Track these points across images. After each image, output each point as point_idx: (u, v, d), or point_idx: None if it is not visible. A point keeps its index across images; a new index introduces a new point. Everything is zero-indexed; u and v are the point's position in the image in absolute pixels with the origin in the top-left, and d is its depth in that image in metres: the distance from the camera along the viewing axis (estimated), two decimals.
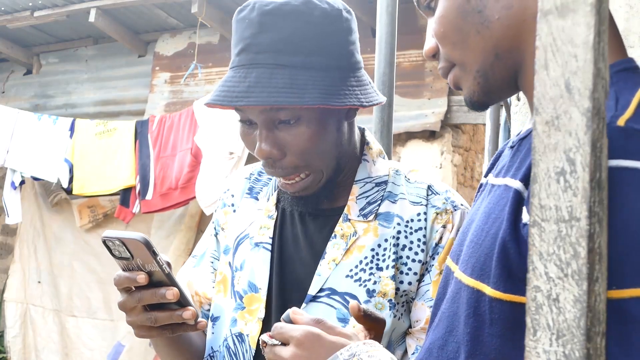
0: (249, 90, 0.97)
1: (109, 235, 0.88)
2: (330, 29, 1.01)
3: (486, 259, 0.62)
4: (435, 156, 4.15)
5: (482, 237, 0.64)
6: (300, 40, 0.99)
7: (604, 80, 0.37)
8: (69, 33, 5.55)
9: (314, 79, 0.98)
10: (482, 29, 0.67)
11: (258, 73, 0.98)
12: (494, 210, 0.65)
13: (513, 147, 0.71)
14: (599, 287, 0.37)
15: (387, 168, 1.12)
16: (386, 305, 1.02)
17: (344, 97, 1.00)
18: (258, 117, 1.01)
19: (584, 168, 0.36)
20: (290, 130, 1.00)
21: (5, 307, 5.56)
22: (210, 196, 4.13)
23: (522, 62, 0.67)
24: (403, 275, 1.04)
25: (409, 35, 4.11)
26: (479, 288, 0.62)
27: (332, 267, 1.05)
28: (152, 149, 4.50)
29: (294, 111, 0.99)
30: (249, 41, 1.00)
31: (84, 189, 4.69)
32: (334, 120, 1.04)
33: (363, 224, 1.07)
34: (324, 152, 1.03)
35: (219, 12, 4.60)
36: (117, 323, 5.02)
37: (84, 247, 5.28)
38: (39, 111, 5.32)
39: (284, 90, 0.96)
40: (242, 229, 1.17)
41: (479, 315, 0.62)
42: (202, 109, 4.30)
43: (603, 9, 0.36)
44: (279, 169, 1.03)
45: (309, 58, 0.99)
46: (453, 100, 4.20)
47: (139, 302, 0.91)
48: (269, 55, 0.98)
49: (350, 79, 1.03)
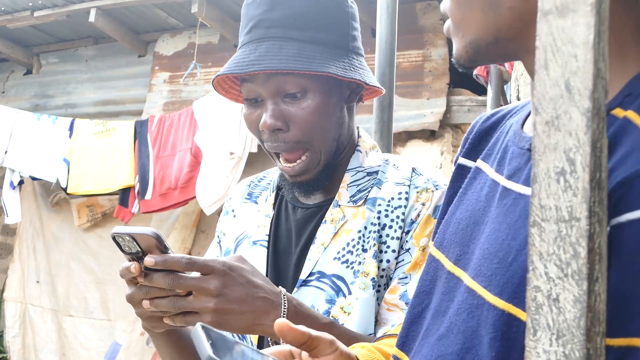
0: (259, 58, 1.02)
1: (119, 231, 0.86)
2: (337, 11, 1.08)
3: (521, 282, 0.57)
4: (435, 156, 4.15)
5: (510, 254, 0.60)
6: (309, 17, 1.05)
7: (604, 80, 0.37)
8: (69, 33, 5.55)
9: (321, 52, 1.04)
10: (488, 10, 0.62)
11: (268, 45, 1.03)
12: (524, 225, 0.59)
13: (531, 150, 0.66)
14: (599, 287, 0.37)
15: (379, 159, 1.16)
16: (369, 285, 1.04)
17: (348, 71, 1.05)
18: (265, 88, 1.04)
19: (584, 168, 0.36)
20: (295, 103, 1.05)
21: (5, 306, 5.56)
22: (211, 196, 4.13)
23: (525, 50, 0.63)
24: (382, 254, 1.06)
25: (409, 35, 4.11)
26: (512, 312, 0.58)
27: (320, 250, 1.07)
28: (152, 149, 4.49)
29: (301, 82, 1.03)
30: (260, 17, 1.05)
31: (78, 187, 4.69)
32: (338, 99, 1.09)
33: (352, 209, 1.09)
34: (325, 129, 1.07)
35: (219, 12, 4.60)
36: (114, 323, 5.02)
37: (81, 247, 5.28)
38: (39, 111, 5.32)
39: (293, 57, 1.01)
40: (241, 230, 1.20)
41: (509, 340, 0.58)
42: (202, 108, 4.29)
43: (603, 9, 0.36)
44: (281, 143, 1.06)
45: (317, 34, 1.05)
46: (452, 100, 4.20)
47: (146, 295, 0.89)
48: (278, 30, 1.04)
49: (353, 60, 1.09)
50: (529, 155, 0.65)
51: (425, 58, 4.28)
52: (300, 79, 1.03)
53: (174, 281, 0.86)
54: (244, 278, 0.90)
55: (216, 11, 4.58)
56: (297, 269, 1.09)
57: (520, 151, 0.68)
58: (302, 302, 1.03)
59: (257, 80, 1.04)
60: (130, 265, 0.88)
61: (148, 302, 0.89)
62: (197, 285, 0.87)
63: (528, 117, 0.72)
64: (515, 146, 0.69)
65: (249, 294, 0.89)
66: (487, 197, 0.70)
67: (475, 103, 4.18)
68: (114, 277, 5.09)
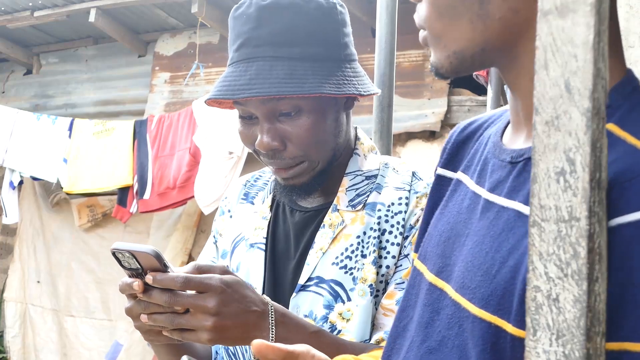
0: (250, 82, 0.99)
1: (119, 247, 0.86)
2: (326, 21, 1.05)
3: (505, 294, 0.57)
4: (435, 156, 4.15)
5: (494, 267, 0.59)
6: (297, 32, 1.02)
7: (604, 80, 0.37)
8: (69, 33, 5.54)
9: (312, 69, 1.01)
10: (476, 21, 0.60)
11: (258, 66, 1.00)
12: (507, 238, 0.60)
13: (513, 163, 0.65)
14: (598, 287, 0.37)
15: (378, 162, 1.14)
16: (367, 291, 1.03)
17: (342, 86, 1.03)
18: (259, 110, 1.03)
19: (583, 168, 0.36)
20: (290, 121, 1.03)
21: (5, 306, 5.55)
22: (209, 196, 4.12)
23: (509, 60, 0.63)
24: (382, 260, 1.05)
25: (409, 35, 4.10)
26: (497, 324, 0.58)
27: (319, 255, 1.06)
28: (151, 149, 4.49)
29: (294, 102, 1.01)
30: (248, 35, 1.03)
31: (74, 186, 4.68)
32: (333, 111, 1.07)
33: (351, 214, 1.09)
34: (322, 143, 1.05)
35: (219, 12, 4.59)
36: (115, 323, 5.02)
37: (82, 247, 5.28)
38: (39, 111, 5.31)
39: (284, 80, 0.99)
40: (237, 232, 1.19)
41: (498, 352, 0.58)
42: (201, 108, 4.29)
43: (603, 9, 0.36)
44: (278, 160, 1.05)
45: (307, 49, 1.02)
46: (453, 100, 4.20)
47: (144, 310, 0.90)
48: (268, 48, 1.01)
49: (346, 69, 1.06)
50: (510, 168, 0.65)
51: (425, 58, 4.28)
52: (293, 100, 1.01)
53: (171, 299, 0.87)
54: (239, 293, 0.90)
55: (216, 11, 4.57)
56: (296, 273, 1.08)
57: (501, 164, 0.67)
58: (300, 307, 1.03)
59: (250, 104, 1.03)
60: (133, 282, 0.88)
61: (146, 317, 0.90)
62: (194, 303, 0.87)
63: (506, 128, 0.71)
64: (496, 159, 0.69)
65: (243, 308, 0.90)
66: (468, 210, 0.70)
67: (475, 103, 4.18)
68: (114, 277, 5.09)
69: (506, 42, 0.61)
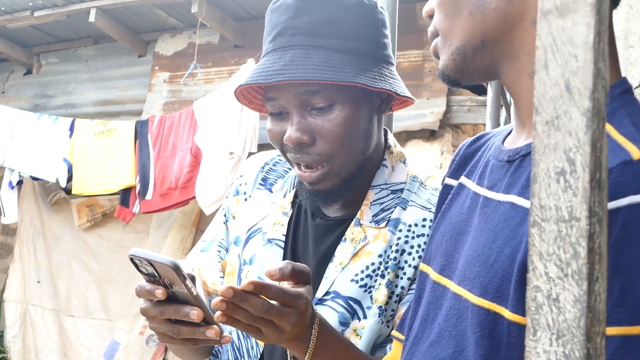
0: (284, 68, 0.96)
1: (137, 255, 0.85)
2: (366, 18, 1.02)
3: (502, 281, 0.60)
4: (435, 156, 4.15)
5: (491, 257, 0.62)
6: (336, 24, 0.99)
7: (604, 80, 0.37)
8: (69, 33, 5.55)
9: (349, 61, 0.98)
10: (475, 12, 0.66)
11: (294, 54, 0.97)
12: (503, 229, 0.63)
13: (510, 161, 0.69)
14: (599, 287, 0.37)
15: (406, 174, 1.10)
16: (376, 312, 1.02)
17: (378, 81, 0.99)
18: (292, 103, 0.99)
19: (584, 168, 0.36)
20: (322, 116, 0.99)
21: (5, 306, 5.56)
22: (211, 196, 4.13)
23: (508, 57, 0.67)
24: (398, 280, 1.03)
25: (409, 35, 4.11)
26: (495, 310, 0.61)
27: (338, 270, 1.04)
28: (152, 149, 4.49)
29: (329, 94, 0.98)
30: (285, 24, 0.99)
31: (82, 188, 4.69)
32: (367, 110, 1.03)
33: (374, 230, 1.05)
34: (352, 142, 1.01)
35: (219, 12, 4.60)
36: (115, 323, 5.02)
37: (82, 247, 5.28)
38: (39, 111, 5.32)
39: (319, 67, 0.95)
40: (254, 221, 1.15)
41: (495, 338, 0.61)
42: (202, 108, 4.29)
43: (603, 9, 0.36)
44: (305, 155, 1.01)
45: (345, 42, 0.99)
46: (452, 100, 4.20)
47: (160, 314, 0.89)
48: (304, 37, 0.98)
49: (383, 68, 1.03)
50: (507, 167, 0.69)
51: (425, 58, 4.28)
52: (327, 90, 0.97)
53: (264, 306, 0.84)
54: (309, 310, 0.89)
55: (216, 11, 4.57)
56: (313, 284, 1.06)
57: (499, 164, 0.71)
58: None
59: (283, 96, 0.99)
60: (155, 290, 0.87)
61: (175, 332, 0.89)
62: (279, 316, 0.85)
63: (509, 135, 0.75)
64: (495, 159, 0.73)
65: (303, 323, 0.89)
66: (469, 209, 0.73)
67: (475, 103, 4.18)
68: (114, 277, 5.09)
69: (504, 35, 0.66)
